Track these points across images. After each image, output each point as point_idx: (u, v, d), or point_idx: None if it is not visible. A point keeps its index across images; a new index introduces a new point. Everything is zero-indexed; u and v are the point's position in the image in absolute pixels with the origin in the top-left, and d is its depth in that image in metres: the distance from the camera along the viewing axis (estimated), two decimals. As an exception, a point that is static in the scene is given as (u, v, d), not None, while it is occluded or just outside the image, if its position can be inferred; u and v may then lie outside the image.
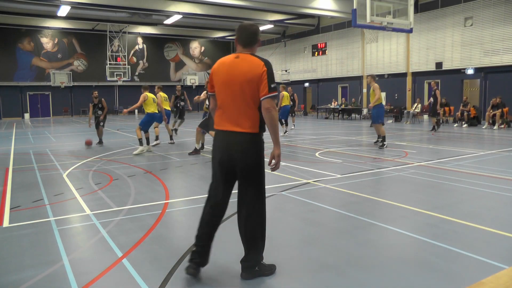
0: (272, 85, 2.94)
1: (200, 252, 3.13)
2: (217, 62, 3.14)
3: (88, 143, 12.06)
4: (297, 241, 4.01)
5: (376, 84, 10.68)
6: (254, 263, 3.15)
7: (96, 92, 12.67)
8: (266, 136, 3.17)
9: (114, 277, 3.25)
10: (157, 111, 10.76)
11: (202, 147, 10.29)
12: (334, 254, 3.63)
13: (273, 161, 3.11)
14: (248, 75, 2.94)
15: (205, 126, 9.66)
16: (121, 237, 4.14)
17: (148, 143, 10.63)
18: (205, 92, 9.82)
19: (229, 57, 3.07)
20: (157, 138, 11.99)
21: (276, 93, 2.98)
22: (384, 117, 10.84)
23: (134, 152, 10.20)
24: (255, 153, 3.03)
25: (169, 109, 12.67)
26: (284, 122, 15.16)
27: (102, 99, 12.56)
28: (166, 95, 12.37)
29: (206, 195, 3.31)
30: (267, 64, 2.97)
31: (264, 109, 2.95)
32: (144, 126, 10.54)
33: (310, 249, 3.79)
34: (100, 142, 12.43)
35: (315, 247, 3.82)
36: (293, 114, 17.33)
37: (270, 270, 3.22)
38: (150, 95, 10.63)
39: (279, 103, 14.94)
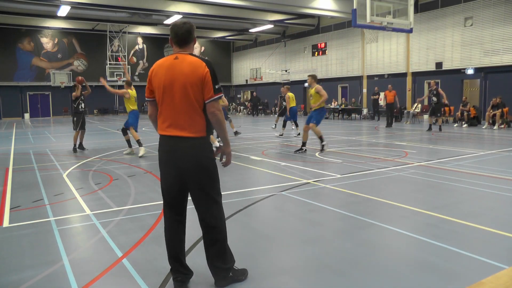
0: (217, 86, 2.82)
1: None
2: (154, 64, 2.96)
3: (80, 81, 11.38)
4: (297, 241, 4.01)
5: (318, 86, 9.70)
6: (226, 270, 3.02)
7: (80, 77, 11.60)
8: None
9: (114, 277, 3.25)
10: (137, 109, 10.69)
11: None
12: (334, 254, 3.63)
13: (224, 158, 3.02)
14: (190, 77, 2.78)
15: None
16: (121, 237, 4.14)
17: (130, 145, 10.40)
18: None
19: (168, 59, 2.89)
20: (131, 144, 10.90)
21: (222, 94, 2.87)
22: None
23: (139, 154, 9.83)
24: (203, 157, 2.88)
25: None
26: (294, 123, 14.89)
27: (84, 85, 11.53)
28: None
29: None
30: (209, 65, 2.83)
31: (210, 112, 2.82)
32: (136, 124, 10.35)
33: (310, 249, 3.78)
34: (82, 147, 11.20)
35: (315, 247, 3.82)
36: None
37: (243, 274, 3.13)
38: (133, 93, 10.44)
39: (286, 105, 14.32)
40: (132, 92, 10.41)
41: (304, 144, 9.97)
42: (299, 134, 14.32)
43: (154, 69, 2.94)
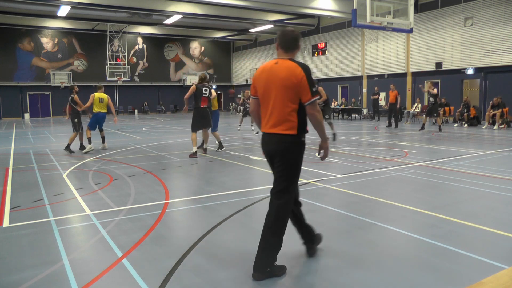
0: (314, 89, 3.07)
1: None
2: (259, 68, 3.30)
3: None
4: (297, 241, 4.01)
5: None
6: (265, 264, 3.17)
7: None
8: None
9: (114, 277, 3.25)
10: (104, 111, 11.09)
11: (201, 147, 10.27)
12: (334, 254, 3.63)
13: (322, 151, 3.35)
14: (286, 81, 3.05)
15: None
16: (121, 237, 4.14)
17: (90, 142, 10.78)
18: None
19: (270, 63, 3.22)
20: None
21: (318, 96, 3.11)
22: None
23: (84, 151, 10.59)
24: (293, 152, 3.16)
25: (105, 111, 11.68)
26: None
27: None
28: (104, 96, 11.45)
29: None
30: (305, 69, 3.07)
31: (309, 114, 3.12)
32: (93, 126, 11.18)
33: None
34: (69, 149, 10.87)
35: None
36: None
37: (281, 270, 3.25)
38: (97, 95, 11.11)
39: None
40: (98, 94, 11.20)
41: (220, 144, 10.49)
42: (257, 132, 15.05)
43: (258, 72, 3.29)
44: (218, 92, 42.13)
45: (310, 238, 3.56)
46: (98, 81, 34.86)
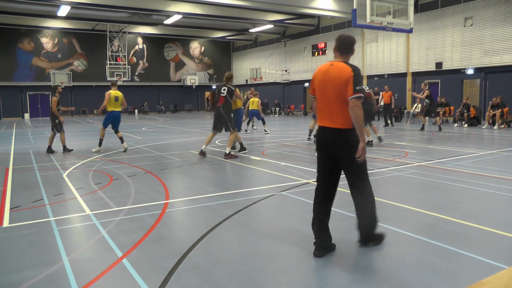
0: (357, 87, 3.37)
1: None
2: (317, 69, 3.71)
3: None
4: (297, 241, 4.01)
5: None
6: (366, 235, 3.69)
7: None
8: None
9: (114, 277, 3.25)
10: (119, 110, 10.67)
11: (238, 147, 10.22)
12: (334, 254, 3.63)
13: (359, 153, 3.44)
14: (338, 80, 3.43)
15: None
16: (121, 237, 4.14)
17: (100, 144, 10.67)
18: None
19: (325, 65, 3.61)
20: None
21: (362, 95, 3.41)
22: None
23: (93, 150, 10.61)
24: (350, 144, 3.44)
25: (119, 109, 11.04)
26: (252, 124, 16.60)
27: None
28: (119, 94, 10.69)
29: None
30: (355, 70, 3.45)
31: (350, 107, 3.38)
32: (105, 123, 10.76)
33: (310, 249, 3.78)
34: (51, 150, 10.71)
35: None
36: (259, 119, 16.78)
37: (381, 238, 3.77)
38: (113, 93, 10.51)
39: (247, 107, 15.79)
40: (114, 92, 10.53)
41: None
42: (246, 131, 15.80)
43: (316, 73, 3.68)
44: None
45: (324, 242, 3.64)
46: (98, 81, 34.93)
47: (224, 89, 9.35)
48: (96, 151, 10.59)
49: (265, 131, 15.70)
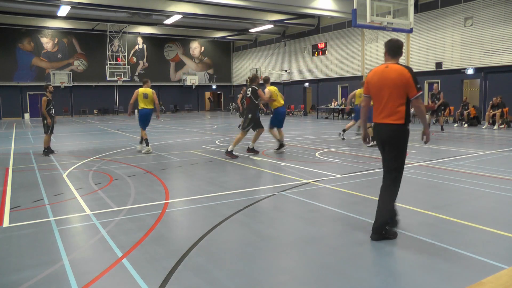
0: (418, 86, 3.80)
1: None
2: (371, 71, 4.07)
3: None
4: (297, 241, 4.01)
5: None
6: (381, 227, 3.92)
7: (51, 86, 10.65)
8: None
9: (114, 277, 3.25)
10: (149, 108, 10.45)
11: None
12: (334, 254, 3.63)
13: (424, 136, 4.05)
14: (397, 81, 3.81)
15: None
16: (121, 237, 4.14)
17: (147, 143, 10.42)
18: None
19: (380, 67, 4.00)
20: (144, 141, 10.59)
21: (422, 92, 3.81)
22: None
23: (142, 151, 10.40)
24: (401, 138, 3.87)
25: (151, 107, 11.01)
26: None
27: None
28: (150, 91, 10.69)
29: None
30: (411, 71, 3.83)
31: (415, 106, 3.88)
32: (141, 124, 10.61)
33: (310, 249, 3.79)
34: (50, 150, 10.55)
35: (315, 247, 3.82)
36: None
37: (394, 234, 3.97)
38: (142, 90, 10.35)
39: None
40: (142, 90, 10.38)
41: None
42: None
43: (371, 74, 4.05)
44: (219, 92, 42.22)
45: (382, 225, 3.97)
46: (98, 81, 34.94)
47: (249, 90, 9.51)
48: (146, 151, 10.29)
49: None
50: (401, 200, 5.36)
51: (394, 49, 4.01)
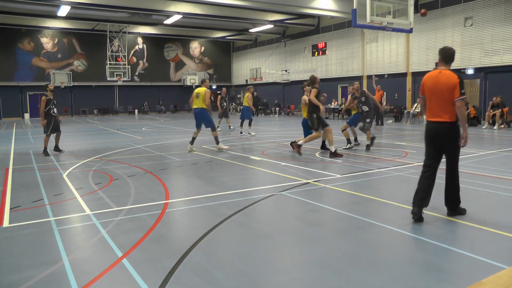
0: (462, 91, 4.34)
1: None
2: (426, 75, 4.65)
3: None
4: (297, 241, 4.02)
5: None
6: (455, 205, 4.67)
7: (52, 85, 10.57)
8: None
9: (114, 277, 3.25)
10: (198, 107, 10.20)
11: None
12: (334, 254, 3.63)
13: (463, 140, 4.45)
14: (448, 85, 4.40)
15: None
16: (121, 237, 4.14)
17: (217, 142, 10.53)
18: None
19: (434, 72, 4.55)
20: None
21: (465, 97, 4.36)
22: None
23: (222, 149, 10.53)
24: (454, 134, 4.46)
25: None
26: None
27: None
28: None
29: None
30: (459, 77, 4.39)
31: (456, 107, 4.38)
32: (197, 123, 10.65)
33: (310, 249, 3.79)
34: (59, 149, 10.72)
35: (315, 247, 3.82)
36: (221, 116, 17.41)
37: (464, 210, 4.69)
38: (196, 90, 10.39)
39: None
40: (197, 89, 10.36)
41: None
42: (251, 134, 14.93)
43: (426, 78, 4.63)
44: (218, 92, 42.20)
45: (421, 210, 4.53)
46: (98, 81, 34.95)
47: (310, 92, 9.50)
48: (189, 150, 10.40)
49: (249, 133, 14.88)
50: (401, 200, 5.36)
51: (447, 57, 4.57)
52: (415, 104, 21.16)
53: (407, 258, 3.54)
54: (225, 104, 17.24)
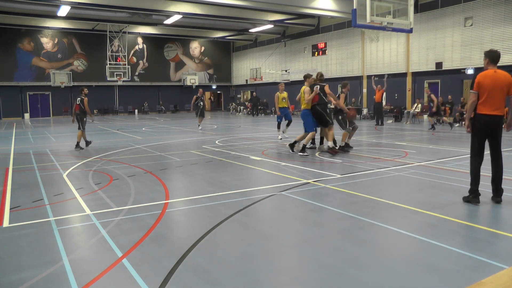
0: None
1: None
2: (482, 75, 5.21)
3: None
4: (297, 241, 4.02)
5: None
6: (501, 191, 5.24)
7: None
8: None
9: (114, 277, 3.25)
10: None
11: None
12: (334, 254, 3.63)
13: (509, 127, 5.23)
14: (505, 82, 5.08)
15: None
16: (121, 237, 4.14)
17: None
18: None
19: (490, 72, 5.17)
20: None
21: None
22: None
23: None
24: (501, 125, 5.09)
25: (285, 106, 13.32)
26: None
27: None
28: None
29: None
30: None
31: (510, 103, 5.10)
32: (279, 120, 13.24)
33: (310, 249, 3.79)
34: (88, 143, 11.77)
35: (315, 247, 3.82)
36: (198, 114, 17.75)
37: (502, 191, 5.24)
38: (281, 95, 13.06)
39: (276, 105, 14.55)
40: (281, 94, 13.19)
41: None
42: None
43: (482, 77, 5.18)
44: (219, 92, 42.21)
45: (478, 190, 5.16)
46: (98, 81, 34.94)
47: (317, 87, 9.61)
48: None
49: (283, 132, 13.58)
50: (401, 200, 5.36)
51: (495, 58, 5.26)
52: (415, 104, 21.17)
53: (407, 258, 3.54)
54: (201, 103, 17.62)
